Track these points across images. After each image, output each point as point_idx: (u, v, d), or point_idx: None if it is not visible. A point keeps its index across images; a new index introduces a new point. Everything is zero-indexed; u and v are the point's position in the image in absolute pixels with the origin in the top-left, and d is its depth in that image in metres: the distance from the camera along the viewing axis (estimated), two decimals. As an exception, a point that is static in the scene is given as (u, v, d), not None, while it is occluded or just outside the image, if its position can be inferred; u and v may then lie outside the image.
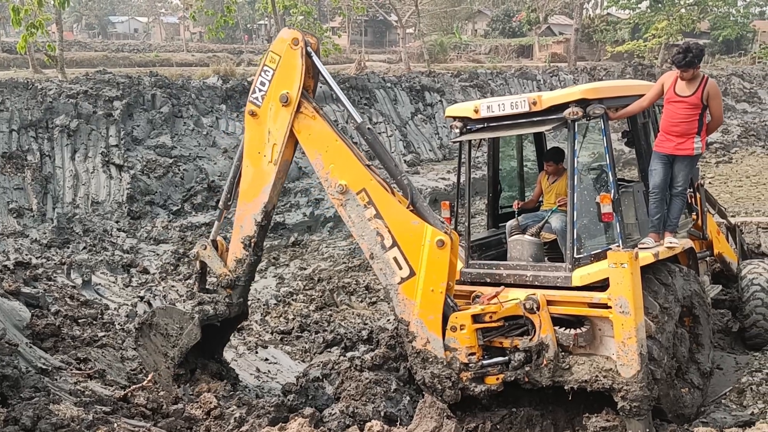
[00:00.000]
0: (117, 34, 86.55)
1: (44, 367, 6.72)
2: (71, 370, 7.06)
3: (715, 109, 7.11)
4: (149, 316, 7.04)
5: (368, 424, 5.83)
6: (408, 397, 6.95)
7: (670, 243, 7.09)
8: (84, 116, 17.91)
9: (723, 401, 7.19)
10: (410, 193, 6.54)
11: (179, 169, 18.14)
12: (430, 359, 6.41)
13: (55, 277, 11.56)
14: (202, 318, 6.92)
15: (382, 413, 6.57)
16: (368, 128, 6.78)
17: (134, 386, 6.97)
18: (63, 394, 6.15)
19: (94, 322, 9.30)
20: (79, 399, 6.15)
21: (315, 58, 6.79)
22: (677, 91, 7.07)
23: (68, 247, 14.23)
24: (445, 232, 6.36)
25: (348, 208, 6.64)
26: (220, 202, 7.53)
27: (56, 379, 6.51)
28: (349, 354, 9.08)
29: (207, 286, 7.62)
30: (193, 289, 7.51)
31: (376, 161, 7.20)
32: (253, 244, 7.09)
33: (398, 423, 6.37)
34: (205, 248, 7.36)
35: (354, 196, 6.57)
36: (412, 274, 6.43)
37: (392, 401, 6.79)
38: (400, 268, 6.47)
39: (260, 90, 6.88)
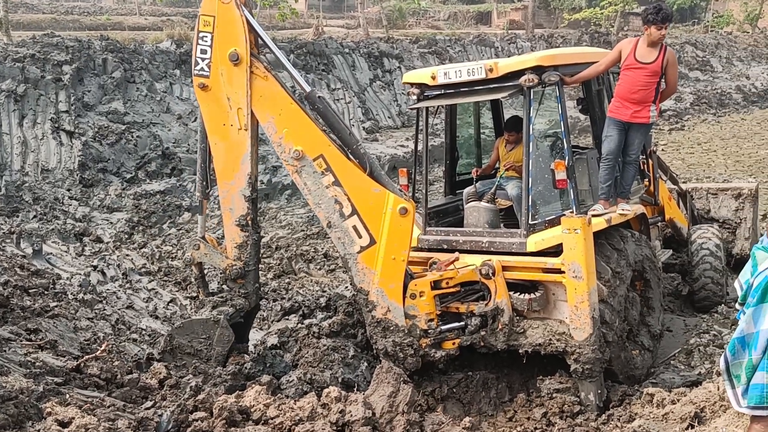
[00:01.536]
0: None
1: (-7, 338, 6.56)
2: (21, 341, 6.91)
3: (671, 77, 7.10)
4: (167, 341, 6.64)
5: (326, 390, 5.84)
6: (366, 364, 6.96)
7: (623, 210, 7.14)
8: (32, 81, 17.32)
9: (672, 362, 7.41)
10: (368, 162, 6.39)
11: (132, 136, 17.74)
12: (391, 328, 6.43)
13: (3, 246, 11.27)
14: (226, 319, 6.55)
15: (340, 379, 6.53)
16: (318, 96, 6.50)
17: (87, 356, 6.85)
18: (12, 366, 6.02)
19: (46, 292, 9.10)
20: (29, 370, 6.02)
21: (247, 14, 6.35)
22: (638, 58, 7.01)
23: (17, 216, 13.87)
24: (406, 200, 6.34)
25: (304, 175, 6.41)
26: (197, 192, 7.02)
27: (5, 351, 6.36)
28: (306, 321, 9.07)
29: (211, 289, 7.25)
30: (198, 296, 7.05)
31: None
32: (250, 222, 6.62)
33: (355, 389, 6.40)
34: (198, 248, 6.88)
35: (310, 162, 6.34)
36: (372, 242, 6.35)
37: (350, 367, 6.77)
38: (360, 237, 6.37)
39: (203, 59, 6.36)
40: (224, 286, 6.92)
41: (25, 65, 17.54)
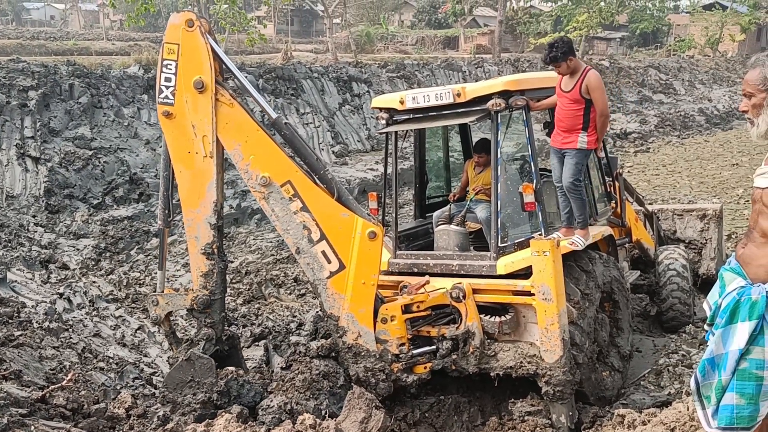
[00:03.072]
0: (32, 21, 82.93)
1: (-45, 370, 6.40)
2: (-16, 372, 6.75)
3: (597, 102, 6.87)
4: (163, 401, 6.39)
5: (300, 417, 5.76)
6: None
7: (573, 242, 6.84)
8: (-4, 107, 17.09)
9: (642, 383, 7.47)
10: (335, 187, 6.37)
11: (99, 162, 17.54)
12: (362, 353, 6.39)
13: (-34, 275, 11.02)
14: (196, 353, 6.37)
15: (324, 412, 6.25)
16: (285, 123, 6.47)
17: (53, 386, 6.71)
18: (-25, 398, 5.87)
19: (10, 320, 8.92)
20: (-7, 402, 5.88)
21: (212, 41, 6.29)
22: (561, 87, 7.03)
23: (-19, 244, 13.58)
24: (375, 224, 6.35)
25: (271, 201, 6.35)
26: (159, 220, 6.80)
27: (-32, 383, 6.22)
28: (294, 339, 8.87)
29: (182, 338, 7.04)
30: (173, 351, 6.82)
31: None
32: (215, 250, 6.48)
33: (326, 416, 6.34)
34: (156, 303, 6.64)
35: (278, 189, 6.29)
36: (341, 267, 6.31)
37: (335, 397, 6.50)
38: (329, 262, 6.33)
39: (167, 87, 6.27)
40: (194, 317, 6.76)
41: (-11, 90, 17.29)
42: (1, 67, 19.00)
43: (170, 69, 6.25)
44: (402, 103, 7.21)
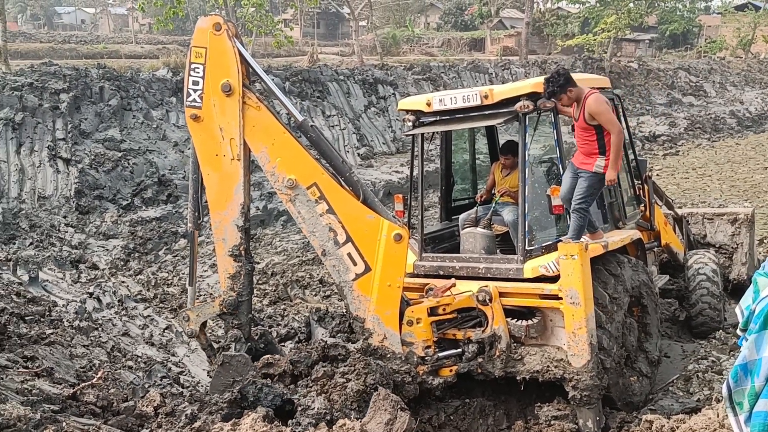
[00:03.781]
0: (63, 25, 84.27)
1: (-11, 366, 6.53)
2: (18, 368, 6.88)
3: (605, 124, 6.70)
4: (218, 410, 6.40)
5: (340, 422, 5.64)
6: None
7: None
8: (29, 109, 17.41)
9: (670, 389, 7.37)
10: (361, 189, 6.38)
11: (128, 163, 17.79)
12: (388, 355, 6.38)
13: (0, 274, 11.23)
14: (228, 357, 6.39)
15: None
16: (311, 125, 6.49)
17: (83, 384, 6.82)
18: (9, 393, 5.98)
19: (42, 319, 9.08)
20: (26, 398, 5.98)
21: (239, 45, 6.31)
22: (573, 114, 6.95)
23: (14, 243, 13.84)
24: (400, 226, 6.35)
25: (297, 204, 6.37)
26: (189, 223, 6.80)
27: (2, 378, 6.33)
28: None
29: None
30: (211, 364, 6.80)
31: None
32: (243, 252, 6.46)
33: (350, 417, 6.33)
34: (188, 318, 6.62)
35: (304, 191, 6.31)
36: (367, 269, 6.32)
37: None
38: (355, 264, 6.34)
39: (195, 91, 6.29)
40: (220, 319, 6.76)
41: (23, 94, 17.63)
42: (34, 70, 19.35)
43: (198, 72, 6.28)
44: (429, 105, 7.21)
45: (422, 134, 7.60)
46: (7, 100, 17.32)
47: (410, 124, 7.50)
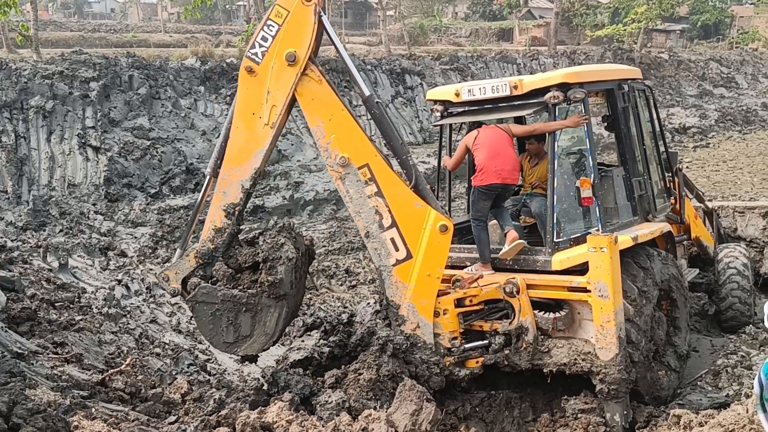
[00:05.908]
0: (93, 14, 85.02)
1: (20, 351, 6.63)
2: (48, 354, 6.98)
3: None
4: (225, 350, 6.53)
5: (366, 412, 5.65)
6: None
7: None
8: (60, 97, 17.63)
9: (699, 383, 7.29)
10: (415, 174, 6.35)
11: (157, 152, 17.95)
12: (419, 344, 6.38)
13: (30, 260, 11.40)
14: (200, 293, 6.28)
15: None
16: (377, 102, 6.43)
17: (112, 370, 6.91)
18: (40, 379, 6.07)
19: (71, 305, 9.20)
20: (56, 384, 6.07)
21: (325, 20, 6.22)
22: None
23: (44, 230, 14.06)
24: (447, 218, 6.31)
25: (347, 182, 6.34)
26: (209, 168, 6.64)
27: (32, 364, 6.42)
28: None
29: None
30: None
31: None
32: (237, 213, 6.40)
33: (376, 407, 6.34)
34: (167, 279, 6.51)
35: (355, 171, 6.29)
36: (408, 256, 6.31)
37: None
38: (397, 250, 6.33)
39: (261, 46, 6.17)
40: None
41: (53, 82, 17.86)
42: (65, 59, 19.57)
43: (271, 30, 6.17)
44: (457, 95, 7.17)
45: (450, 124, 7.54)
46: (38, 88, 17.54)
47: (438, 114, 7.46)
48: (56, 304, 8.93)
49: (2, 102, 16.99)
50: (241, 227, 6.59)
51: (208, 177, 6.68)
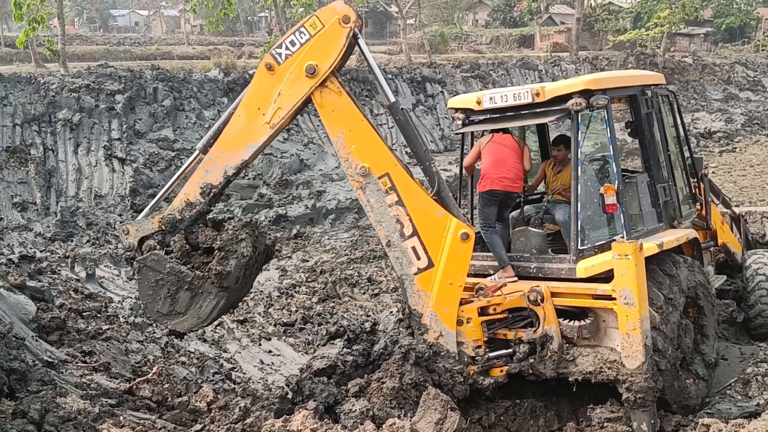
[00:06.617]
0: (118, 27, 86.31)
1: (50, 360, 6.73)
2: (77, 363, 7.08)
3: None
4: (155, 319, 6.59)
5: (390, 421, 5.65)
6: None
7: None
8: (86, 110, 17.91)
9: (728, 392, 7.18)
10: (437, 181, 6.37)
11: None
12: (443, 353, 6.37)
13: (59, 270, 11.58)
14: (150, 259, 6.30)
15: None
16: (401, 108, 6.45)
17: (139, 379, 6.98)
18: (69, 387, 6.16)
19: (98, 315, 9.33)
20: (85, 392, 6.16)
21: (362, 42, 6.31)
22: None
23: (72, 241, 14.26)
24: (468, 226, 6.31)
25: (368, 192, 6.38)
26: (199, 145, 6.68)
27: (62, 372, 6.52)
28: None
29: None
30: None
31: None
32: (212, 194, 6.43)
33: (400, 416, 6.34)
34: (127, 232, 6.55)
35: (376, 180, 6.32)
36: (430, 265, 6.32)
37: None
38: (418, 259, 6.34)
39: (287, 48, 6.24)
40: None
41: (80, 95, 18.15)
42: (91, 72, 19.88)
43: (301, 38, 6.23)
44: (479, 103, 7.17)
45: (472, 132, 7.55)
46: (66, 101, 17.84)
47: (460, 122, 7.47)
48: (84, 314, 9.06)
49: (31, 115, 17.29)
50: (211, 208, 6.63)
51: (197, 152, 6.73)
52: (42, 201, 15.64)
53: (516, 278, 6.88)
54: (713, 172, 20.34)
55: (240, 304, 11.01)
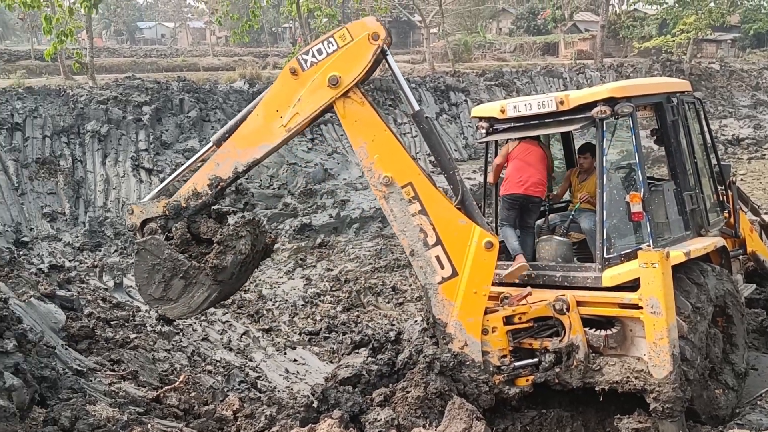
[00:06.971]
0: (145, 39, 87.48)
1: (80, 368, 6.83)
2: (105, 371, 7.18)
3: None
4: (148, 302, 6.59)
5: (415, 429, 5.67)
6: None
7: None
8: (114, 121, 18.16)
9: (759, 403, 7.08)
10: (461, 189, 6.38)
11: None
12: (467, 363, 6.35)
13: (87, 279, 11.74)
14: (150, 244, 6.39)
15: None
16: (426, 117, 6.48)
17: (166, 387, 7.05)
18: (98, 395, 6.25)
19: (126, 324, 9.44)
20: (113, 400, 6.24)
21: (390, 58, 6.37)
22: None
23: (100, 250, 14.45)
24: (492, 234, 6.30)
25: (391, 202, 6.40)
26: (213, 138, 6.80)
27: (91, 380, 6.61)
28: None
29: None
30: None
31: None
32: (219, 187, 6.53)
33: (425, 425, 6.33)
34: (132, 212, 6.64)
35: (399, 190, 6.34)
36: (454, 274, 6.32)
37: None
38: (442, 268, 6.34)
39: (314, 56, 6.29)
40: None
41: (108, 107, 18.41)
42: (118, 84, 20.17)
43: (329, 48, 6.28)
44: (503, 111, 7.17)
45: (496, 141, 7.54)
46: (94, 113, 18.11)
47: (484, 131, 7.47)
48: (112, 323, 9.17)
49: (60, 127, 17.58)
50: (217, 201, 6.71)
51: (210, 143, 6.81)
52: (71, 211, 15.87)
53: (528, 266, 6.90)
54: (742, 180, 20.08)
55: (265, 312, 11.13)
